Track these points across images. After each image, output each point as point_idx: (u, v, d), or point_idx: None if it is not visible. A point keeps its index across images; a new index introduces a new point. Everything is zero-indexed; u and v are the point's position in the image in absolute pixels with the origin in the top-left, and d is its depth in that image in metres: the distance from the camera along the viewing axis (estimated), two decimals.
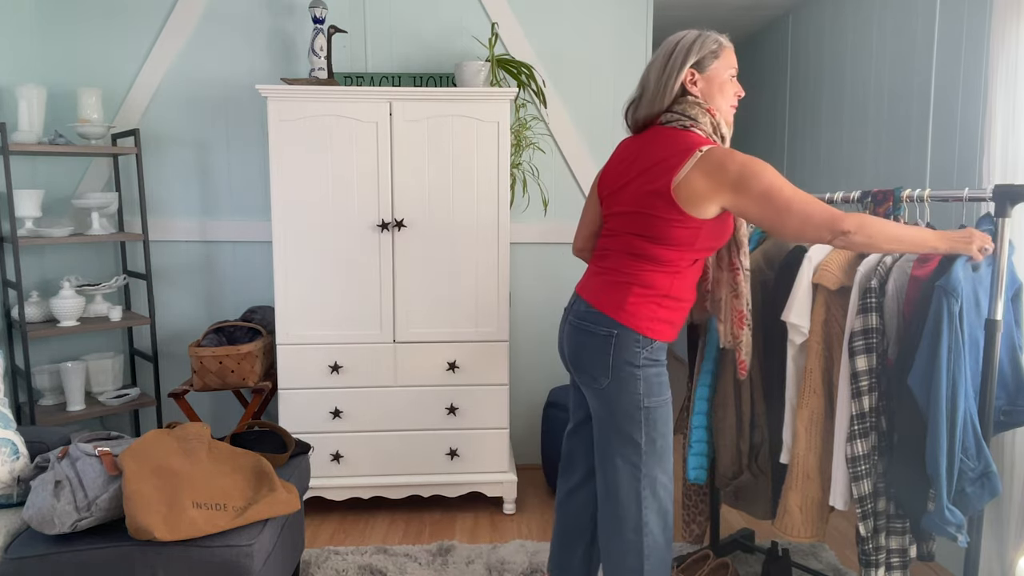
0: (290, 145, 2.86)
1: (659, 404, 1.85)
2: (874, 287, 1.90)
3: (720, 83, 1.83)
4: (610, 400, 1.86)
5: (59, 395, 3.20)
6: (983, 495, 1.73)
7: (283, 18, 3.34)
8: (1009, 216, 1.83)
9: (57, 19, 3.29)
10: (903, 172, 2.92)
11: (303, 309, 2.95)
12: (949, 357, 1.71)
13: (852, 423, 1.93)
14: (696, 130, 1.81)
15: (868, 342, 1.90)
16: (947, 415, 1.71)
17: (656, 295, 1.82)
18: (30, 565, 1.81)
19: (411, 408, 3.02)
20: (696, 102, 1.82)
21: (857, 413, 1.92)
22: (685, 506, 2.67)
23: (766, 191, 1.70)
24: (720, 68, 1.82)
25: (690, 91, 1.82)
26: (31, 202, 3.00)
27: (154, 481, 1.88)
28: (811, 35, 3.85)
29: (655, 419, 1.85)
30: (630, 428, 1.84)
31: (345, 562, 2.64)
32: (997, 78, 2.26)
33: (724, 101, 1.84)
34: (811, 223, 1.70)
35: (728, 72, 1.83)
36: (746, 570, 2.63)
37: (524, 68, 3.22)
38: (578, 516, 2.10)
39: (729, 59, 1.83)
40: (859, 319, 1.91)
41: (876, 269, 1.92)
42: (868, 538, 1.95)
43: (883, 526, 1.97)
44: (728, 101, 1.84)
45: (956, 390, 1.71)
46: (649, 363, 1.84)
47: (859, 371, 1.91)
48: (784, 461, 2.16)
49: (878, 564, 1.96)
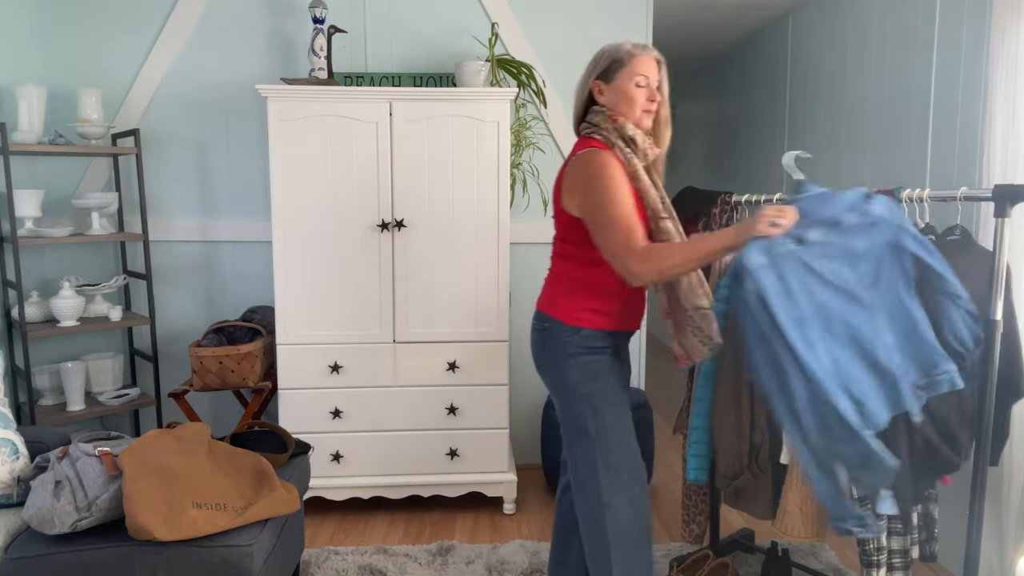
0: (290, 145, 2.87)
1: (598, 390, 1.90)
2: None
3: (626, 91, 1.90)
4: (557, 392, 1.97)
5: (59, 395, 3.20)
6: (879, 477, 1.67)
7: (283, 18, 3.34)
8: (1009, 216, 1.83)
9: (57, 19, 3.29)
10: (903, 172, 2.92)
11: (303, 309, 2.95)
12: (754, 339, 1.68)
13: None
14: (596, 135, 1.91)
15: None
16: (783, 399, 1.66)
17: (577, 286, 1.93)
18: (30, 565, 1.81)
19: (411, 408, 3.02)
20: (600, 110, 1.93)
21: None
22: (685, 506, 2.67)
23: (597, 204, 1.82)
24: (625, 77, 1.90)
25: (597, 100, 1.95)
26: (31, 202, 3.00)
27: (154, 481, 1.88)
28: (811, 35, 3.85)
29: (597, 405, 1.90)
30: (578, 418, 1.92)
31: (345, 562, 2.64)
32: (997, 78, 2.26)
33: (632, 108, 1.90)
34: (612, 251, 1.78)
35: (634, 80, 1.89)
36: (746, 570, 2.63)
37: (524, 68, 3.23)
38: (572, 512, 2.13)
39: (637, 67, 1.89)
40: None
41: None
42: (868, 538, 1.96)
43: (883, 526, 1.97)
44: (638, 107, 1.90)
45: (781, 371, 1.65)
46: (582, 351, 1.91)
47: None
48: (784, 461, 2.17)
49: (879, 564, 1.97)
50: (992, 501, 2.24)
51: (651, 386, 4.59)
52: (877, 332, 1.73)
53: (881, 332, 1.74)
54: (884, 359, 1.71)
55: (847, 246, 1.75)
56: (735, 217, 2.57)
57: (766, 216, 1.70)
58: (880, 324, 1.75)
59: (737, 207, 2.56)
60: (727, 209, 2.55)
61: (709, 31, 4.57)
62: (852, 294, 1.73)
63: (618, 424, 1.91)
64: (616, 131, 1.90)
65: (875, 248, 1.76)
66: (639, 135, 1.90)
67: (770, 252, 1.68)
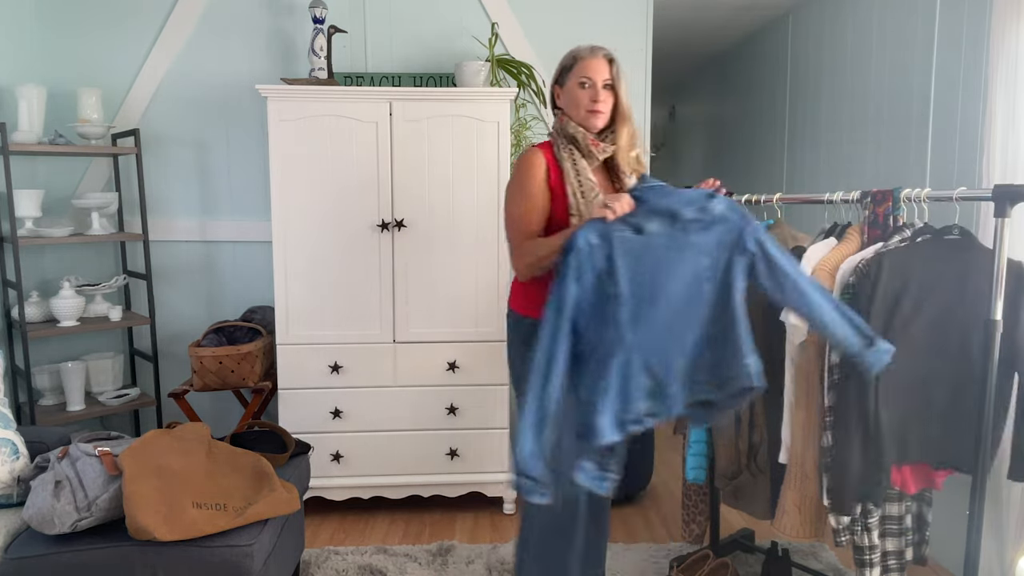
0: (290, 145, 2.86)
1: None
2: (852, 283, 1.94)
3: (572, 93, 2.00)
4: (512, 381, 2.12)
5: (59, 395, 3.20)
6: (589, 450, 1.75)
7: (283, 18, 3.34)
8: (1009, 216, 1.83)
9: (57, 19, 3.29)
10: (903, 172, 2.92)
11: (303, 309, 2.95)
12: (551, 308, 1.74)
13: (826, 415, 1.97)
14: (551, 137, 2.06)
15: None
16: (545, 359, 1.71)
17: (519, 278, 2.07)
18: (30, 565, 1.82)
19: (411, 408, 3.02)
20: (556, 113, 2.07)
21: (830, 405, 1.97)
22: (685, 506, 2.67)
23: (505, 202, 2.04)
24: (572, 80, 2.00)
25: (558, 104, 2.07)
26: (31, 202, 3.00)
27: (154, 481, 1.88)
28: (811, 35, 3.84)
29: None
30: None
31: (345, 562, 2.64)
32: (997, 78, 2.26)
33: (577, 108, 2.00)
34: (510, 242, 2.00)
35: (578, 81, 1.98)
36: (746, 570, 2.63)
37: (524, 68, 3.22)
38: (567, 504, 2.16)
39: (580, 70, 1.99)
40: None
41: (857, 266, 1.96)
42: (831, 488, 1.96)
43: (875, 525, 1.98)
44: (582, 107, 1.98)
45: (557, 339, 1.71)
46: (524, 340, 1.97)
47: (834, 364, 1.96)
48: (783, 461, 2.17)
49: (873, 564, 1.97)
50: (992, 501, 2.24)
51: None
52: (682, 329, 1.79)
53: (688, 328, 1.79)
54: (658, 364, 1.77)
55: (683, 241, 1.79)
56: None
57: (604, 201, 1.80)
58: (690, 320, 1.79)
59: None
60: None
61: (709, 31, 4.56)
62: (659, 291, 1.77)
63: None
64: (561, 131, 2.02)
65: (708, 245, 1.80)
66: (580, 134, 1.98)
67: (604, 234, 1.75)
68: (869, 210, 2.11)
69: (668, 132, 6.99)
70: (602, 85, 1.97)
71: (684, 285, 1.78)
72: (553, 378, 1.70)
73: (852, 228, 2.15)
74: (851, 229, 2.14)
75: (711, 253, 1.79)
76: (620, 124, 2.01)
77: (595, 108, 1.97)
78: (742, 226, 1.81)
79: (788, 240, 2.33)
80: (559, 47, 3.41)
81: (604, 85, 1.98)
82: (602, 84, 1.97)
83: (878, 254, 1.92)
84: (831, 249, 2.08)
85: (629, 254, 1.75)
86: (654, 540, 2.90)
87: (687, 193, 1.84)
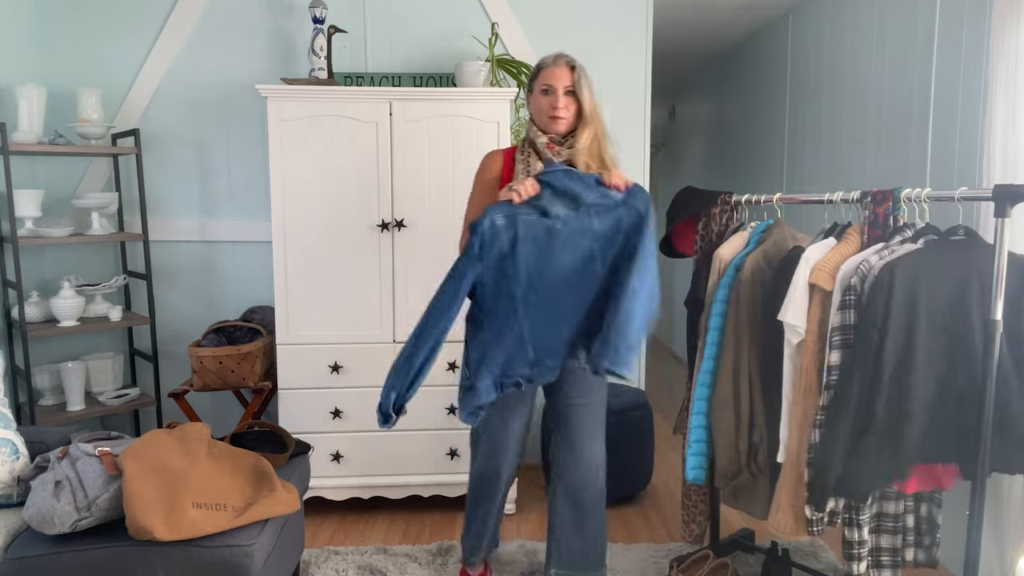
0: (290, 145, 2.86)
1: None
2: (854, 285, 1.94)
3: (535, 101, 2.14)
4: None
5: (59, 395, 3.20)
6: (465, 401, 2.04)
7: (283, 18, 3.34)
8: (1009, 216, 1.83)
9: (57, 19, 3.29)
10: (903, 172, 2.92)
11: (303, 309, 2.95)
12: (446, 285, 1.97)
13: (818, 412, 1.99)
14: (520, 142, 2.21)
15: (845, 338, 1.95)
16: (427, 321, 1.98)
17: None
18: (30, 565, 1.82)
19: (411, 408, 2.99)
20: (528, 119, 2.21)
21: (824, 404, 1.98)
22: (685, 506, 2.67)
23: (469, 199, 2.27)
24: (536, 87, 2.14)
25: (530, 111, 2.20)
26: (31, 202, 3.00)
27: (154, 481, 1.88)
28: (811, 35, 3.84)
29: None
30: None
31: (345, 562, 2.64)
32: (997, 78, 2.26)
33: (540, 114, 2.13)
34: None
35: (541, 88, 2.12)
36: (746, 570, 2.63)
37: (524, 68, 3.22)
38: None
39: (544, 78, 2.11)
40: (838, 315, 1.97)
41: (858, 268, 1.96)
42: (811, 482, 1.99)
43: (866, 521, 1.98)
44: (544, 114, 2.11)
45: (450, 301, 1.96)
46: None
47: (832, 365, 1.97)
48: (781, 460, 2.17)
49: (860, 558, 1.98)
50: (992, 501, 2.24)
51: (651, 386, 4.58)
52: (571, 305, 1.98)
53: (577, 304, 1.98)
54: (544, 337, 1.98)
55: (584, 224, 1.95)
56: (735, 217, 2.57)
57: (510, 186, 1.97)
58: (580, 297, 1.98)
59: (737, 207, 2.56)
60: (727, 209, 2.56)
61: (709, 31, 4.56)
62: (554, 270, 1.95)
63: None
64: (526, 137, 2.17)
65: (606, 229, 1.96)
66: (539, 139, 2.12)
67: (509, 215, 1.92)
68: (869, 210, 2.11)
69: (668, 132, 6.99)
70: (563, 91, 2.08)
71: (578, 264, 1.95)
72: (426, 336, 1.96)
73: (852, 228, 2.15)
74: (851, 229, 2.14)
75: (607, 236, 1.96)
76: (581, 127, 2.11)
77: (555, 114, 2.09)
78: (642, 213, 1.96)
79: (788, 240, 2.33)
80: (559, 47, 3.43)
81: (565, 91, 2.08)
82: (563, 90, 2.08)
83: (889, 264, 1.90)
84: (831, 249, 2.08)
85: (530, 235, 1.92)
86: (654, 540, 2.90)
87: (589, 177, 1.99)
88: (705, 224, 2.59)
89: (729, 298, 2.27)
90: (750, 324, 2.23)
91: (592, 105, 2.10)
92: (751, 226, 2.45)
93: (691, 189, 2.70)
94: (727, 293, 2.28)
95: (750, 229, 2.44)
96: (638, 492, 3.32)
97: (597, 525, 2.28)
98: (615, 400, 3.23)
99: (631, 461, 3.21)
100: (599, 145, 2.11)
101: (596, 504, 2.27)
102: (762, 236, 2.39)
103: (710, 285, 2.38)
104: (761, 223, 2.43)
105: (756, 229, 2.41)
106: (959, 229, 1.99)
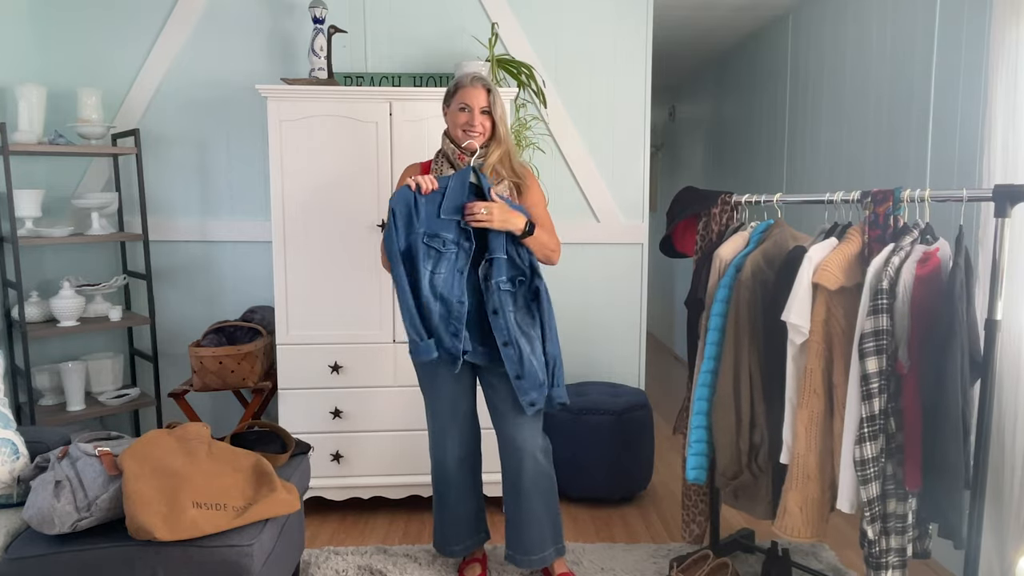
0: (290, 145, 2.87)
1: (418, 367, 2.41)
2: (885, 288, 1.88)
3: (452, 115, 2.35)
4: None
5: (59, 395, 3.20)
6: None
7: (283, 18, 3.34)
8: (1009, 216, 1.83)
9: (57, 19, 3.29)
10: (903, 172, 2.92)
11: (303, 309, 2.95)
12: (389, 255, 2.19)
13: (862, 426, 1.92)
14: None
15: (879, 344, 1.89)
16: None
17: None
18: (30, 565, 1.81)
19: (411, 408, 3.01)
20: (445, 130, 2.41)
21: (867, 416, 1.91)
22: (685, 506, 2.67)
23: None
24: (454, 103, 2.34)
25: (446, 122, 2.40)
26: (31, 202, 3.00)
27: (154, 481, 1.88)
28: (811, 35, 3.85)
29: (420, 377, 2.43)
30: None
31: (345, 562, 2.64)
32: (997, 78, 2.26)
33: (455, 128, 2.34)
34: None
35: (458, 106, 2.32)
36: (746, 570, 2.63)
37: (524, 68, 3.22)
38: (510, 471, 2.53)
39: (461, 97, 2.31)
40: (870, 320, 1.90)
41: (885, 270, 1.91)
42: (876, 540, 1.95)
43: (892, 528, 1.96)
44: (459, 128, 2.32)
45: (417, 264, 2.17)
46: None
47: (869, 373, 1.90)
48: (784, 461, 2.16)
49: (887, 566, 1.96)
50: (992, 501, 2.24)
51: (651, 386, 4.58)
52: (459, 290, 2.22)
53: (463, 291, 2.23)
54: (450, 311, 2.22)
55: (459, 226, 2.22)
56: (735, 217, 2.57)
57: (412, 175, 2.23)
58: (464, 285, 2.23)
59: (737, 207, 2.56)
60: (727, 209, 2.55)
61: (709, 31, 4.56)
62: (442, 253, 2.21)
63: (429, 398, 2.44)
64: (441, 147, 2.39)
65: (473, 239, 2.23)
66: (451, 150, 2.34)
67: (407, 201, 2.18)
68: (869, 210, 2.11)
69: (668, 132, 6.99)
70: (479, 111, 2.29)
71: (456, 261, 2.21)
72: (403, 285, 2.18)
73: (853, 228, 2.14)
74: (852, 229, 2.14)
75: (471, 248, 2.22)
76: (494, 146, 2.33)
77: (468, 129, 2.30)
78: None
79: (788, 240, 2.32)
80: (559, 47, 3.46)
81: (481, 111, 2.30)
82: (479, 110, 2.29)
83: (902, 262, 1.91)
84: (833, 249, 2.08)
85: (423, 217, 2.18)
86: (654, 540, 2.90)
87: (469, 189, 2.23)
88: (705, 224, 2.58)
89: (729, 298, 2.27)
90: (750, 324, 2.23)
91: (505, 126, 2.35)
92: (751, 226, 2.45)
93: (691, 189, 2.70)
94: (727, 293, 2.28)
95: (750, 229, 2.44)
96: (638, 492, 3.32)
97: (542, 508, 2.39)
98: (615, 400, 3.24)
99: (631, 461, 3.21)
100: (509, 159, 2.37)
101: (535, 488, 2.38)
102: (762, 236, 2.39)
103: (710, 285, 2.38)
104: (761, 223, 2.43)
105: (756, 229, 2.41)
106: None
